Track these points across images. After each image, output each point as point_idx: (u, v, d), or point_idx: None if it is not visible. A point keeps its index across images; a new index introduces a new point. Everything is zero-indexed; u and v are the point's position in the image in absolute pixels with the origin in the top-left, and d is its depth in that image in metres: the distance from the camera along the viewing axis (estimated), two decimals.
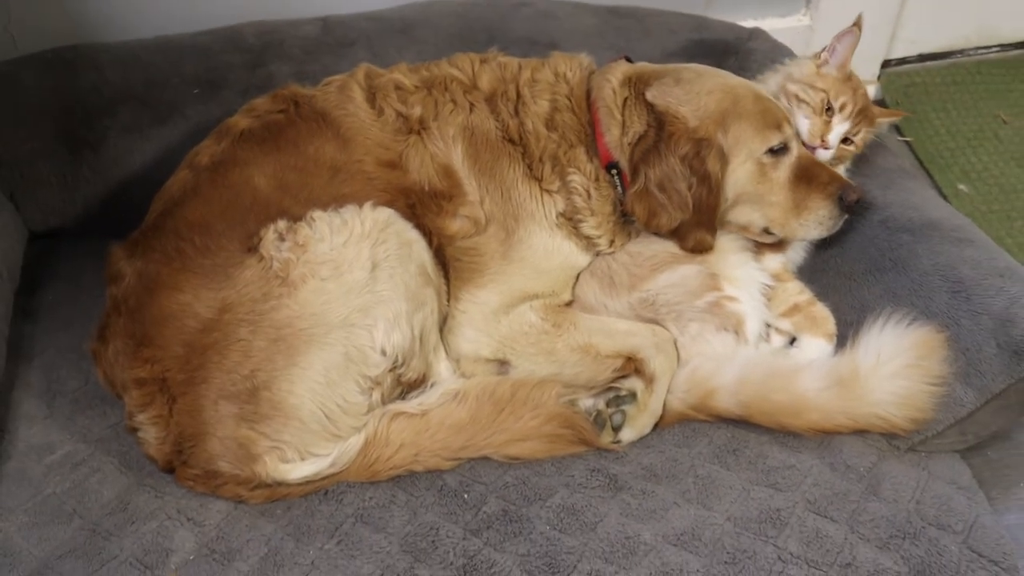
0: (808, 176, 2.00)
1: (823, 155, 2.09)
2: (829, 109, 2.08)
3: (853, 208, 2.02)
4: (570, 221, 2.02)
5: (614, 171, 2.01)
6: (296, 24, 2.54)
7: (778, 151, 1.99)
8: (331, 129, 1.98)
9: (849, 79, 2.13)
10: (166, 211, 1.89)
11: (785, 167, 2.00)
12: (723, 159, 1.96)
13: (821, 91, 2.09)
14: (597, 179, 2.01)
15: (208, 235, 1.81)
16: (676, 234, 2.00)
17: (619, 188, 2.02)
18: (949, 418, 1.85)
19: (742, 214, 2.05)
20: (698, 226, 1.97)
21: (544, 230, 2.01)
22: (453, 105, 2.01)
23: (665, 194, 1.94)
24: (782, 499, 1.75)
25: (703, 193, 1.94)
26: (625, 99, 2.01)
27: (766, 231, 2.06)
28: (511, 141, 2.01)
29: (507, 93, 2.04)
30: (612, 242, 2.06)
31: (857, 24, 2.13)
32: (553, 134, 2.01)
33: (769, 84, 2.19)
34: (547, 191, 2.01)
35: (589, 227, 2.02)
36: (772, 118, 1.98)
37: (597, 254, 2.07)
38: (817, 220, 2.01)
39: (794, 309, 2.05)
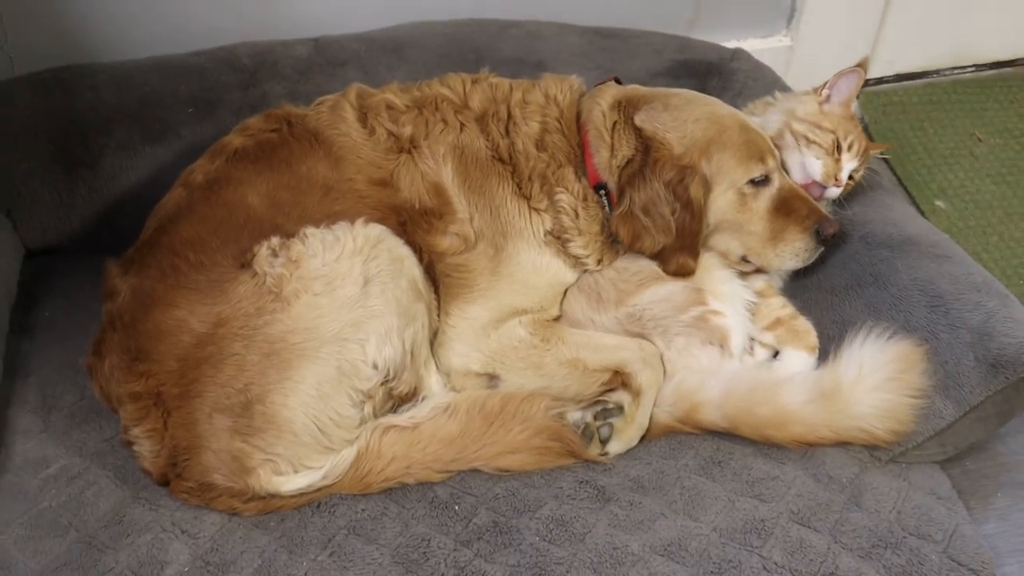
0: (788, 208, 2.03)
1: (834, 192, 2.12)
2: (838, 148, 2.12)
3: (829, 241, 2.05)
4: (558, 240, 2.04)
5: (602, 192, 2.04)
6: (289, 45, 2.55)
7: (759, 182, 2.02)
8: (323, 148, 1.99)
9: (852, 117, 2.16)
10: (161, 228, 1.90)
11: (765, 198, 2.03)
12: (706, 187, 1.98)
13: (830, 131, 2.11)
14: (585, 199, 2.03)
15: (202, 251, 1.82)
16: (659, 257, 2.02)
17: (607, 209, 2.04)
18: (929, 430, 1.87)
19: (722, 241, 2.08)
20: (681, 250, 1.99)
21: (532, 247, 2.03)
22: (444, 125, 2.03)
23: (649, 217, 1.97)
24: (766, 510, 1.76)
25: (686, 218, 1.97)
26: (615, 123, 2.03)
27: (744, 259, 2.09)
28: (501, 160, 2.03)
29: (498, 113, 2.06)
30: (600, 261, 2.07)
31: (862, 65, 2.15)
32: (543, 154, 2.02)
33: (770, 121, 2.18)
34: (535, 209, 2.02)
35: (577, 246, 2.04)
36: (756, 149, 2.01)
37: (585, 271, 2.08)
38: (793, 252, 2.04)
39: (777, 323, 2.07)
